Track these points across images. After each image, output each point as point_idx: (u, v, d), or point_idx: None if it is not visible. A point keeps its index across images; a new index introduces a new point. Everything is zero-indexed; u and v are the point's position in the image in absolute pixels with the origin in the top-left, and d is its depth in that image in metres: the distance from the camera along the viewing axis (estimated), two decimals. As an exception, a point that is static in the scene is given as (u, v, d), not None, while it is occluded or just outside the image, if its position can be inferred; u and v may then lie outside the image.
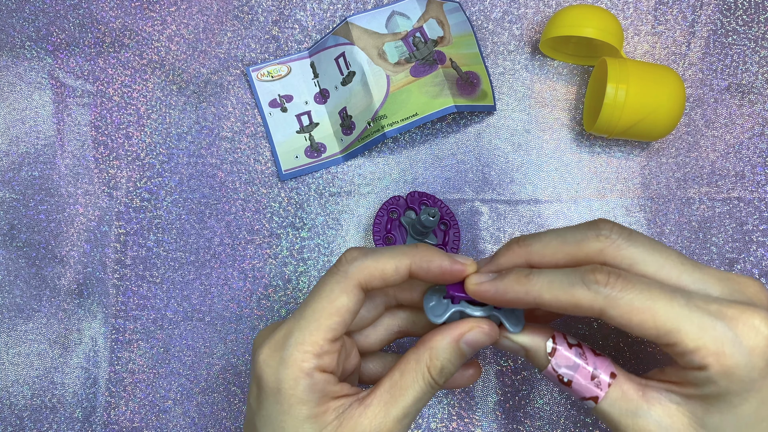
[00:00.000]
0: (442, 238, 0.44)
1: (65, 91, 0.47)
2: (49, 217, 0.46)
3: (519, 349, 0.33)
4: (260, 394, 0.31)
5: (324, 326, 0.31)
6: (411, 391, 0.31)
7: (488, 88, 0.46)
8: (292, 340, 0.31)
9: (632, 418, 0.30)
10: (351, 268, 0.32)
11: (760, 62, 0.46)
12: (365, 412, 0.31)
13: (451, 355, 0.32)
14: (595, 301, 0.29)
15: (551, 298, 0.30)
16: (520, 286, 0.31)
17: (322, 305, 0.31)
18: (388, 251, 0.33)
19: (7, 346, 0.46)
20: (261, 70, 0.47)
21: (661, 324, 0.28)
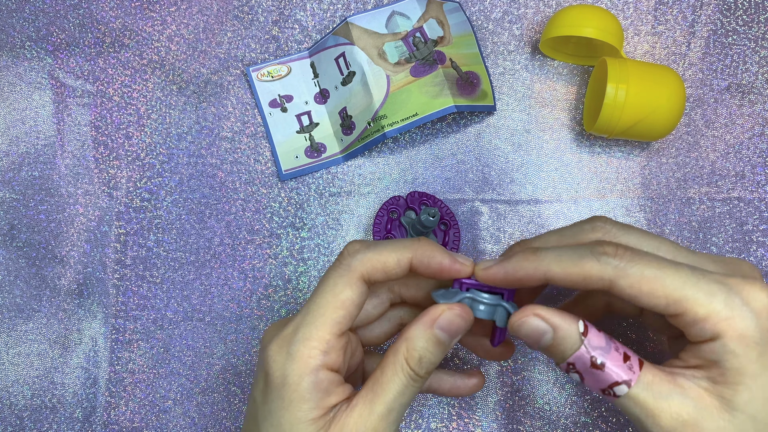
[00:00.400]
0: (442, 238, 0.44)
1: (65, 91, 0.47)
2: (49, 217, 0.46)
3: (547, 329, 0.31)
4: (266, 388, 0.32)
5: (330, 320, 0.31)
6: (392, 386, 0.31)
7: (488, 88, 0.46)
8: (299, 335, 0.31)
9: (666, 402, 0.29)
10: (353, 261, 0.32)
11: (760, 62, 0.46)
12: (351, 413, 0.31)
13: (427, 343, 0.32)
14: (604, 272, 0.29)
15: (561, 271, 0.30)
16: (529, 262, 0.31)
17: (326, 299, 0.32)
18: (390, 244, 0.33)
19: (7, 346, 0.46)
20: (261, 70, 0.47)
21: (670, 293, 0.28)
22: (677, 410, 0.28)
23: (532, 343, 0.31)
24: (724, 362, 0.28)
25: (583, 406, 0.44)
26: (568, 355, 0.30)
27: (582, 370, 0.30)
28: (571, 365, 0.30)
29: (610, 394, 0.30)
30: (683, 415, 0.28)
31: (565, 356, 0.30)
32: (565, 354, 0.30)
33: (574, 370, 0.30)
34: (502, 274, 0.32)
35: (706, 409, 0.28)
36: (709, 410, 0.28)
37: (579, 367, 0.30)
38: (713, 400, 0.28)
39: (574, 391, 0.44)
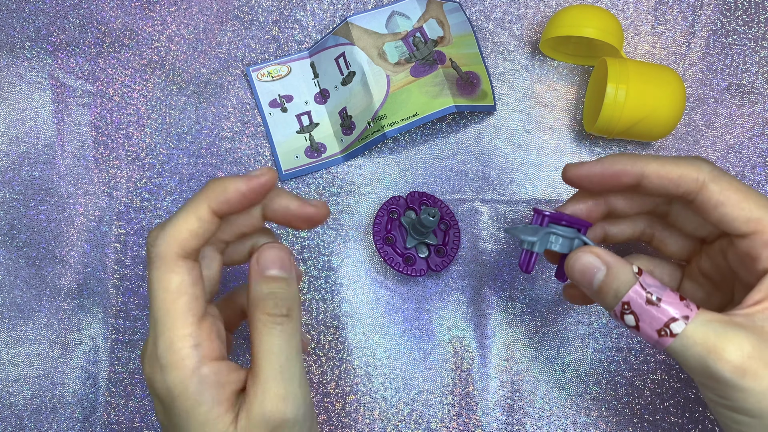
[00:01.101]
0: (442, 238, 0.44)
1: (65, 91, 0.47)
2: (49, 217, 0.46)
3: (600, 266, 0.31)
4: (164, 411, 0.30)
5: (177, 315, 0.29)
6: (267, 344, 0.30)
7: (488, 88, 0.46)
8: (161, 346, 0.29)
9: (728, 337, 0.28)
10: (159, 248, 0.30)
11: (760, 62, 0.46)
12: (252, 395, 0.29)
13: (269, 286, 0.31)
14: (699, 174, 0.31)
15: (658, 167, 0.31)
16: (627, 158, 0.32)
17: (161, 298, 0.29)
18: (182, 209, 0.30)
19: (7, 346, 0.46)
20: (261, 70, 0.47)
21: (754, 208, 0.30)
22: (741, 344, 0.28)
23: (585, 283, 0.31)
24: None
25: (583, 406, 0.44)
26: (622, 293, 0.30)
27: (637, 310, 0.29)
28: (626, 305, 0.30)
29: (665, 334, 0.29)
30: (747, 347, 0.28)
31: (619, 295, 0.30)
32: (619, 292, 0.30)
33: (629, 310, 0.30)
34: (598, 169, 0.32)
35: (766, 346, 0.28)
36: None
37: (634, 306, 0.30)
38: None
39: (574, 391, 0.44)
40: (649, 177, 0.31)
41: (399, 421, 0.44)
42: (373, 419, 0.44)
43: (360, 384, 0.44)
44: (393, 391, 0.44)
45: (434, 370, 0.44)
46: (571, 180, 0.33)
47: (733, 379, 0.27)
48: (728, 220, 0.30)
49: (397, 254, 0.43)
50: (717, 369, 0.28)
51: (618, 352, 0.44)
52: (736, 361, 0.27)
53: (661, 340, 0.29)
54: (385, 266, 0.45)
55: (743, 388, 0.27)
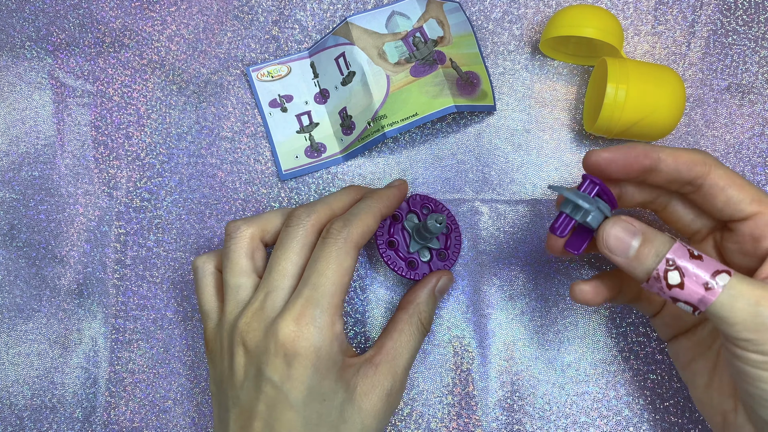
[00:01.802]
0: (444, 242, 0.44)
1: (65, 91, 0.47)
2: (49, 217, 0.46)
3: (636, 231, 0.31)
4: (292, 371, 0.33)
5: (339, 288, 0.35)
6: (411, 343, 0.38)
7: (488, 88, 0.46)
8: (319, 308, 0.34)
9: None
10: (351, 232, 0.36)
11: (760, 62, 0.46)
12: (378, 370, 0.36)
13: (432, 303, 0.41)
14: (707, 160, 0.33)
15: (671, 152, 0.34)
16: (642, 146, 0.34)
17: (333, 271, 0.35)
18: (362, 208, 0.38)
19: (7, 346, 0.46)
20: (261, 70, 0.47)
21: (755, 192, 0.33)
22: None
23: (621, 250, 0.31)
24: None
25: (583, 407, 0.44)
26: (663, 252, 0.30)
27: (681, 265, 0.30)
28: (670, 261, 0.30)
29: (712, 287, 0.29)
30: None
31: (660, 254, 0.30)
32: (660, 251, 0.30)
33: (674, 266, 0.30)
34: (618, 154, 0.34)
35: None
36: None
37: (679, 261, 0.30)
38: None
39: (574, 391, 0.44)
40: (665, 161, 0.34)
41: (399, 421, 0.44)
42: (373, 419, 0.44)
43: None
44: (393, 391, 0.44)
45: (434, 370, 0.44)
46: (597, 164, 0.34)
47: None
48: (735, 201, 0.33)
49: (400, 258, 0.42)
50: None
51: (618, 352, 0.44)
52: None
53: (707, 295, 0.29)
54: (384, 267, 0.45)
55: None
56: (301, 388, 0.33)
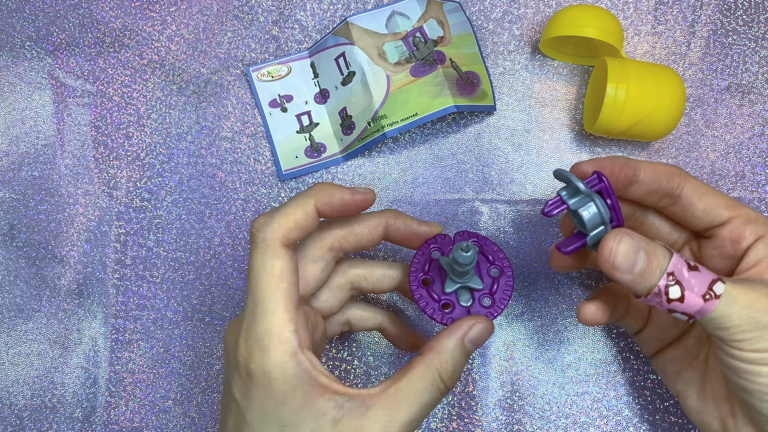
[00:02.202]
0: (490, 286, 0.37)
1: (65, 91, 0.47)
2: (49, 217, 0.46)
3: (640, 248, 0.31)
4: (249, 391, 0.31)
5: (279, 300, 0.31)
6: (421, 398, 0.31)
7: (488, 88, 0.46)
8: (260, 328, 0.31)
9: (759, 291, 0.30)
10: (266, 234, 0.32)
11: (760, 62, 0.46)
12: (368, 414, 0.30)
13: (459, 356, 0.32)
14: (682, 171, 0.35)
15: (651, 166, 0.34)
16: (623, 158, 0.35)
17: (263, 281, 0.31)
18: (290, 201, 0.33)
19: (7, 346, 0.46)
20: (261, 70, 0.47)
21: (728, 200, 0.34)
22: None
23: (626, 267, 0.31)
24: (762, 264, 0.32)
25: (583, 407, 0.44)
26: (665, 266, 0.30)
27: (681, 278, 0.30)
28: (671, 275, 0.30)
29: (710, 297, 0.30)
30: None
31: (662, 268, 0.30)
32: (662, 266, 0.30)
33: (674, 281, 0.30)
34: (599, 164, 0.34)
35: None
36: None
37: (678, 275, 0.30)
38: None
39: (574, 391, 0.44)
40: (645, 171, 0.34)
41: (399, 421, 0.44)
42: (373, 419, 0.44)
43: (360, 384, 0.44)
44: (393, 391, 0.44)
45: (434, 370, 0.44)
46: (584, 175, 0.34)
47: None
48: (713, 207, 0.34)
49: (434, 299, 0.36)
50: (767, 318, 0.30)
51: (618, 352, 0.44)
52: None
53: (707, 305, 0.30)
54: None
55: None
56: (256, 409, 0.31)
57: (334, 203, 0.33)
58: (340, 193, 0.33)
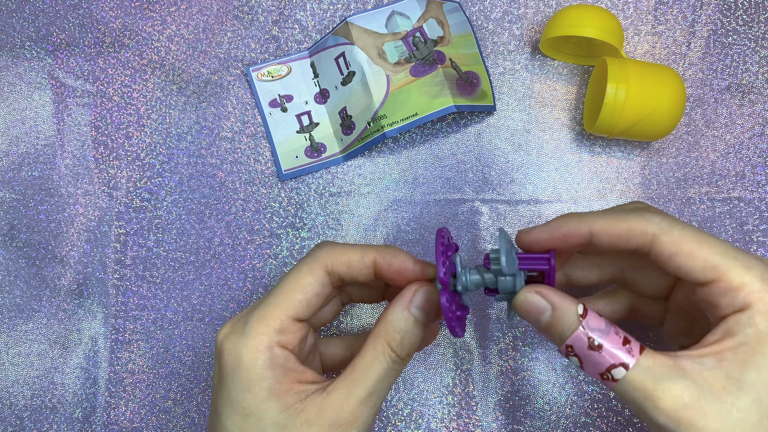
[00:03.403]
0: None
1: (65, 91, 0.47)
2: (49, 217, 0.46)
3: (546, 307, 0.31)
4: (221, 373, 0.31)
5: (287, 302, 0.32)
6: (373, 369, 0.31)
7: (488, 88, 0.46)
8: (255, 314, 0.32)
9: (667, 385, 0.28)
10: (320, 252, 0.33)
11: (760, 62, 0.46)
12: (328, 396, 0.31)
13: (407, 324, 0.32)
14: (648, 227, 0.30)
15: (606, 225, 0.31)
16: (573, 219, 0.32)
17: (287, 283, 0.32)
18: (357, 244, 0.34)
19: (7, 346, 0.46)
20: (261, 70, 0.47)
21: (708, 256, 0.29)
22: (678, 393, 0.27)
23: (533, 321, 0.31)
24: (745, 336, 0.28)
25: (583, 406, 0.44)
26: (566, 335, 0.30)
27: (580, 353, 0.30)
28: (570, 348, 0.30)
29: (608, 379, 0.29)
30: (685, 397, 0.27)
31: (563, 337, 0.30)
32: (563, 334, 0.30)
33: (573, 353, 0.30)
34: (546, 234, 0.32)
35: (709, 392, 0.27)
36: (712, 392, 0.27)
37: (577, 349, 0.30)
38: (718, 381, 0.27)
39: (574, 392, 0.44)
40: (597, 235, 0.31)
41: (399, 420, 0.44)
42: (373, 419, 0.44)
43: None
44: (393, 391, 0.44)
45: (434, 370, 0.44)
46: (525, 248, 0.33)
47: (668, 427, 0.28)
48: (685, 270, 0.29)
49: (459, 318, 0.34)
50: (653, 416, 0.28)
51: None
52: (671, 411, 0.27)
53: (604, 382, 0.29)
54: None
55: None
56: (224, 395, 0.31)
57: (393, 264, 0.33)
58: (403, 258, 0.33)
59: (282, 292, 0.32)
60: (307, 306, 0.32)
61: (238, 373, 0.31)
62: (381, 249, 0.34)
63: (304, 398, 0.31)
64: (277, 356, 0.31)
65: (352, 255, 0.33)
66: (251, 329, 0.31)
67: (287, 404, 0.31)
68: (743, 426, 0.27)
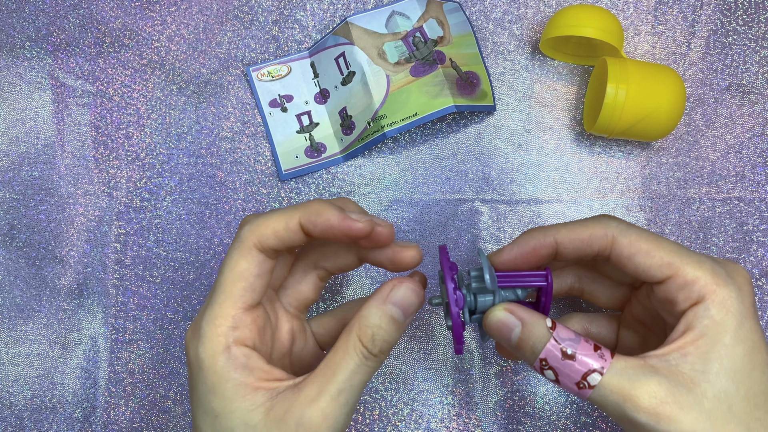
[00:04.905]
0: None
1: (65, 91, 0.47)
2: (49, 217, 0.46)
3: (515, 323, 0.31)
4: (190, 376, 0.32)
5: (231, 296, 0.31)
6: (344, 365, 0.30)
7: (488, 88, 0.46)
8: (205, 317, 0.31)
9: (642, 383, 0.29)
10: (244, 232, 0.32)
11: (760, 62, 0.46)
12: (298, 394, 0.30)
13: (381, 319, 0.31)
14: (608, 230, 0.32)
15: (568, 233, 0.33)
16: (538, 232, 0.33)
17: (225, 276, 0.32)
18: (281, 209, 0.33)
19: (7, 346, 0.46)
20: (261, 70, 0.47)
21: (664, 255, 0.31)
22: (654, 389, 0.28)
23: (504, 339, 0.32)
24: (704, 327, 0.29)
25: (582, 407, 0.44)
26: (538, 349, 0.30)
27: (554, 365, 0.30)
28: (544, 361, 0.30)
29: (584, 386, 0.29)
30: (660, 393, 0.28)
31: (536, 351, 0.30)
32: (535, 348, 0.30)
33: (548, 366, 0.30)
34: (516, 251, 0.33)
35: (681, 385, 0.29)
36: (684, 385, 0.29)
37: (551, 361, 0.30)
38: (686, 375, 0.29)
39: (574, 391, 0.44)
40: (562, 243, 0.33)
41: (399, 420, 0.44)
42: (373, 419, 0.44)
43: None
44: (393, 391, 0.44)
45: (434, 370, 0.44)
46: (500, 269, 0.34)
47: (649, 424, 0.28)
48: (643, 269, 0.31)
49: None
50: (633, 416, 0.28)
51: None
52: (650, 407, 0.28)
53: (581, 392, 0.30)
54: None
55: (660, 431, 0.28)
56: (195, 398, 0.31)
57: (318, 223, 0.32)
58: (328, 214, 0.32)
59: (223, 286, 0.31)
60: (253, 291, 0.32)
61: (202, 377, 0.31)
62: (304, 208, 0.32)
63: (275, 395, 0.30)
64: (236, 356, 0.31)
65: (276, 224, 0.32)
66: (205, 333, 0.31)
67: (256, 403, 0.30)
68: (716, 415, 0.28)
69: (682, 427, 0.28)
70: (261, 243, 0.32)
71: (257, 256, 0.32)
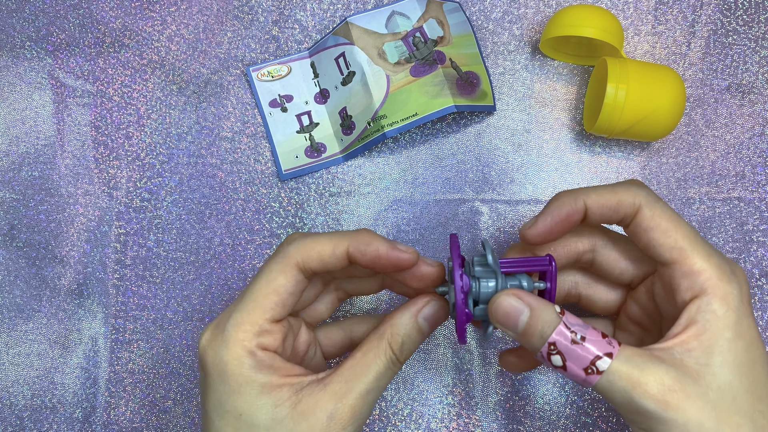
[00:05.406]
0: None
1: (65, 91, 0.47)
2: (49, 217, 0.46)
3: (523, 308, 0.31)
4: (207, 379, 0.32)
5: (262, 306, 0.32)
6: (374, 367, 0.32)
7: (488, 88, 0.46)
8: (231, 321, 0.31)
9: (650, 371, 0.29)
10: (290, 249, 0.32)
11: (760, 62, 0.46)
12: (325, 389, 0.31)
13: (411, 330, 0.33)
14: (636, 198, 0.32)
15: (598, 197, 0.32)
16: (568, 196, 0.33)
17: (260, 286, 0.32)
18: (329, 234, 0.33)
19: (7, 346, 0.46)
20: (261, 70, 0.47)
21: (680, 237, 0.31)
22: (662, 377, 0.29)
23: (510, 325, 0.31)
24: (706, 322, 0.29)
25: (583, 407, 0.44)
26: (547, 334, 0.30)
27: (563, 350, 0.30)
28: (552, 345, 0.30)
29: (592, 372, 0.29)
30: (668, 381, 0.28)
31: (544, 336, 0.30)
32: (544, 333, 0.30)
33: (556, 351, 0.30)
34: (550, 221, 0.33)
35: (687, 375, 0.29)
36: (689, 375, 0.29)
37: (560, 345, 0.30)
38: (691, 367, 0.29)
39: (574, 392, 0.44)
40: (591, 208, 0.33)
41: (399, 420, 0.44)
42: (373, 419, 0.44)
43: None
44: (393, 391, 0.44)
45: (434, 370, 0.44)
46: (534, 241, 0.34)
47: (657, 412, 0.28)
48: (654, 245, 0.31)
49: None
50: (642, 403, 0.29)
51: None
52: (659, 394, 0.28)
53: (589, 378, 0.30)
54: None
55: (666, 420, 0.28)
56: (212, 399, 0.32)
57: (367, 252, 0.32)
58: (377, 244, 0.33)
59: (256, 295, 0.32)
60: (283, 307, 0.32)
61: (225, 379, 0.31)
62: (354, 236, 0.33)
63: (299, 390, 0.31)
64: (262, 359, 0.31)
65: (324, 248, 0.32)
66: (230, 336, 0.31)
67: (282, 398, 0.31)
68: (721, 405, 0.28)
69: (688, 415, 0.28)
70: (304, 263, 0.32)
71: (296, 275, 0.32)
